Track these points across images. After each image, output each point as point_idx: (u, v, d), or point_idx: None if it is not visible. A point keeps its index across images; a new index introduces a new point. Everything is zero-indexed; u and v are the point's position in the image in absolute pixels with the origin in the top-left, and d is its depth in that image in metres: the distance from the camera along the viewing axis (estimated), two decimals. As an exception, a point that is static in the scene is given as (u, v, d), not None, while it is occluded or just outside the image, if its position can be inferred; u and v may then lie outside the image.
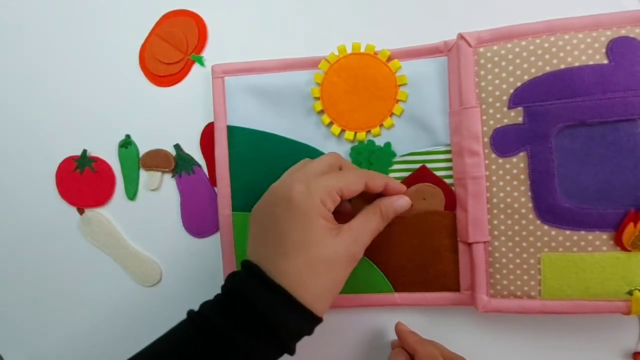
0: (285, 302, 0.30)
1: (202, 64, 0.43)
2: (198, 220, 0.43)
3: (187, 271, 0.44)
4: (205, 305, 0.32)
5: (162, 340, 0.32)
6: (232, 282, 0.32)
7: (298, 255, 0.31)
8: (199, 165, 0.43)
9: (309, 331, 0.32)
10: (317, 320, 0.32)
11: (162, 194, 0.44)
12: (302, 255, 0.31)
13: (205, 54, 0.43)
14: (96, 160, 0.45)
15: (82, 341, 0.45)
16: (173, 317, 0.43)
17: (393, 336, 0.40)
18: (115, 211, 0.45)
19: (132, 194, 0.44)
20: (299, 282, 0.31)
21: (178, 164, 0.43)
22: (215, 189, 0.42)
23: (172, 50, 0.43)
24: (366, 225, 0.34)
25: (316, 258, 0.31)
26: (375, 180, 0.35)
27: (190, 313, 0.32)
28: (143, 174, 0.44)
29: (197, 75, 0.43)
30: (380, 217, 0.35)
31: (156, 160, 0.43)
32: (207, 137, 0.42)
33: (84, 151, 0.45)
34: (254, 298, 0.30)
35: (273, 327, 0.30)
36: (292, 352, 0.32)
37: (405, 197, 0.37)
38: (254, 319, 0.30)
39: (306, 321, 0.31)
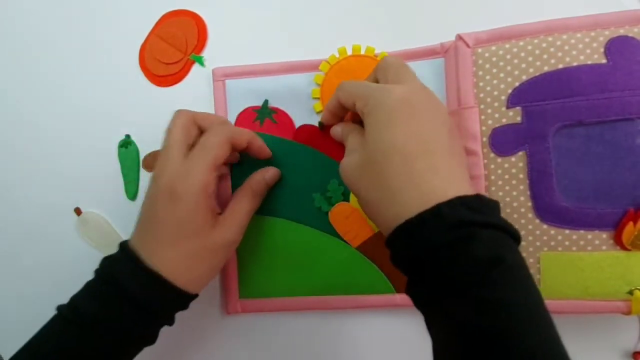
0: (160, 286, 0.32)
1: (202, 64, 0.43)
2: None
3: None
4: (76, 298, 0.33)
5: (36, 340, 0.32)
6: (107, 267, 0.33)
7: (177, 245, 0.33)
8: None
9: (184, 307, 0.35)
10: (192, 296, 0.34)
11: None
12: (181, 245, 0.33)
13: (205, 54, 0.43)
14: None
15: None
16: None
17: (393, 337, 0.40)
18: (115, 211, 0.44)
19: (132, 194, 0.44)
20: (175, 268, 0.33)
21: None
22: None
23: (172, 50, 0.43)
24: (239, 211, 0.36)
25: (194, 248, 0.33)
26: (242, 135, 0.36)
27: (60, 307, 0.33)
28: (144, 175, 0.44)
29: (197, 75, 0.43)
30: (252, 196, 0.37)
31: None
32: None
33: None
34: (127, 283, 0.31)
35: (147, 308, 0.32)
36: (171, 323, 0.35)
37: (274, 168, 0.39)
38: (129, 304, 0.31)
39: (180, 299, 0.34)
